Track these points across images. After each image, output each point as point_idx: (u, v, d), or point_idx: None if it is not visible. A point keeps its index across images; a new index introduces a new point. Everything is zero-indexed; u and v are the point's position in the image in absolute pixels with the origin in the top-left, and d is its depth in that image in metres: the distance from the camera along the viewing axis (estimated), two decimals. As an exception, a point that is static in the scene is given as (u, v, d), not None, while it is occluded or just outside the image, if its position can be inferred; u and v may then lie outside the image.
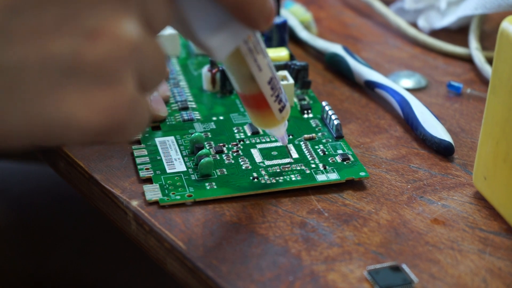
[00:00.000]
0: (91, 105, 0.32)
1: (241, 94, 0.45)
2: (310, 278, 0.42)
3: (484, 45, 0.64)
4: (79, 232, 0.72)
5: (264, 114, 0.46)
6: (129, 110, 0.34)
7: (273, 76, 0.44)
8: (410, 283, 0.41)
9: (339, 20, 0.70)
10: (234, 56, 0.42)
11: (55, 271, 0.70)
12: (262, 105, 0.45)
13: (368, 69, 0.58)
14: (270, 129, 0.47)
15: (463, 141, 0.53)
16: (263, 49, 0.43)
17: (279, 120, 0.46)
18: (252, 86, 0.44)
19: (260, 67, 0.43)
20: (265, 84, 0.44)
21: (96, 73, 0.32)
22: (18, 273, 0.70)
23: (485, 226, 0.46)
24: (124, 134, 0.34)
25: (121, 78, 0.33)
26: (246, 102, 0.45)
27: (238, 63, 0.43)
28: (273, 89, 0.44)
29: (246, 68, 0.43)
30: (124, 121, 0.34)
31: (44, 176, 0.75)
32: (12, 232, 0.71)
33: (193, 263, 0.43)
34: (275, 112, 0.45)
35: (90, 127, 0.33)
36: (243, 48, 0.42)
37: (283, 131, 0.48)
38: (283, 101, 0.46)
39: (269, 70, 0.44)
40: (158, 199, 0.46)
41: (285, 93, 0.46)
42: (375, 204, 0.47)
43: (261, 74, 0.43)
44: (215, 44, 0.39)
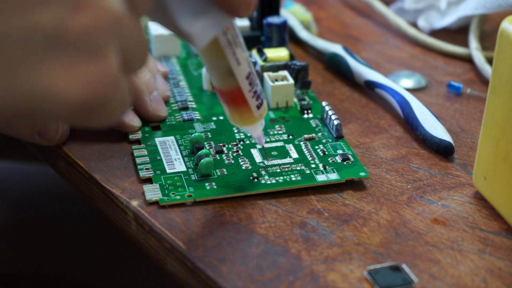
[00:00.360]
0: (75, 77, 0.33)
1: (219, 90, 0.45)
2: (310, 278, 0.42)
3: (484, 45, 0.64)
4: (79, 232, 0.72)
5: (241, 110, 0.45)
6: (111, 86, 0.34)
7: (251, 71, 0.44)
8: (410, 283, 0.41)
9: (339, 20, 0.70)
10: (213, 48, 0.42)
11: (55, 271, 0.70)
12: (239, 101, 0.45)
13: (368, 69, 0.58)
14: (247, 127, 0.47)
15: (463, 141, 0.53)
16: (241, 43, 0.43)
17: (256, 117, 0.46)
18: (230, 80, 0.43)
19: (238, 61, 0.43)
20: (243, 79, 0.44)
21: (80, 44, 0.32)
22: (18, 273, 0.70)
23: (485, 226, 0.46)
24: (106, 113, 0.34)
25: (104, 51, 0.33)
26: (223, 98, 0.45)
27: (216, 56, 0.42)
28: (251, 85, 0.44)
29: (224, 62, 0.43)
30: (106, 96, 0.34)
31: (44, 176, 0.75)
32: (12, 232, 0.71)
33: (193, 263, 0.43)
34: (253, 109, 0.45)
35: (72, 100, 0.33)
36: (222, 40, 0.42)
37: (260, 131, 0.48)
38: (261, 97, 0.45)
39: (247, 65, 0.44)
40: (158, 199, 0.46)
41: (262, 91, 0.46)
42: (375, 204, 0.47)
43: (239, 69, 0.43)
44: (195, 31, 0.39)
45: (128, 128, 0.52)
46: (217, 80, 0.44)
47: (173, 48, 0.61)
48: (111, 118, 0.35)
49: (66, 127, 0.51)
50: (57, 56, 0.32)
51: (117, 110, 0.35)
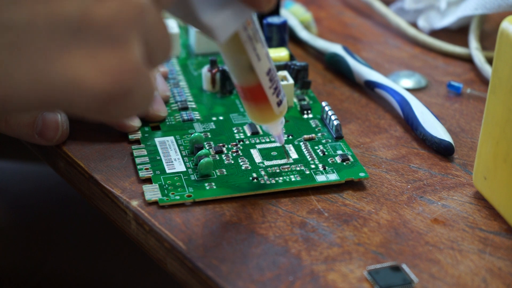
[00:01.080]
0: (98, 67, 0.33)
1: (239, 86, 0.44)
2: (310, 278, 0.42)
3: (484, 45, 0.64)
4: (79, 232, 0.72)
5: (262, 107, 0.45)
6: (135, 76, 0.34)
7: (271, 67, 0.44)
8: (410, 283, 0.41)
9: (339, 20, 0.70)
10: (234, 44, 0.42)
11: (55, 271, 0.70)
12: (260, 97, 0.44)
13: (368, 69, 0.58)
14: (267, 124, 0.47)
15: (463, 141, 0.53)
16: (262, 38, 0.43)
17: (277, 114, 0.46)
18: (250, 77, 0.43)
19: (259, 56, 0.43)
20: (264, 75, 0.44)
21: (104, 33, 0.33)
22: (18, 273, 0.70)
23: (485, 226, 0.46)
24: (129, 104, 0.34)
25: (127, 41, 0.33)
26: (243, 95, 0.45)
27: (237, 51, 0.42)
28: (272, 81, 0.44)
29: (245, 57, 0.43)
30: (129, 87, 0.34)
31: (44, 176, 0.75)
32: (12, 232, 0.71)
33: (193, 263, 0.43)
34: (273, 106, 0.45)
35: (96, 90, 0.33)
36: (243, 35, 0.42)
37: (280, 129, 0.48)
38: (281, 94, 0.45)
39: (268, 60, 0.43)
40: (158, 199, 0.46)
41: (282, 88, 0.46)
42: (375, 204, 0.47)
43: (260, 64, 0.43)
44: (216, 24, 0.39)
45: (128, 128, 0.52)
46: (238, 76, 0.44)
47: (173, 48, 0.61)
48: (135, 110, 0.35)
49: (66, 127, 0.51)
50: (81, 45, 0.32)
51: (141, 102, 0.35)
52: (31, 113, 0.50)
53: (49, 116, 0.50)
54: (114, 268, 0.71)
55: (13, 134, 0.51)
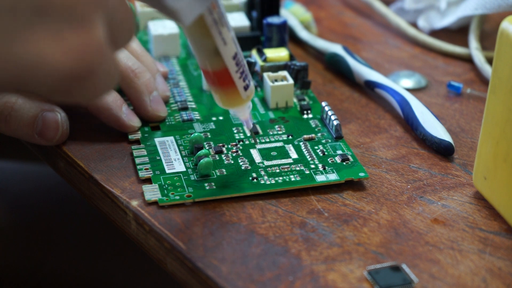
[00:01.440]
0: (61, 45, 0.33)
1: (205, 71, 0.45)
2: (310, 278, 0.42)
3: (484, 45, 0.64)
4: (79, 232, 0.72)
5: (228, 91, 0.45)
6: (97, 55, 0.34)
7: (237, 51, 0.44)
8: (410, 283, 0.41)
9: (339, 20, 0.70)
10: (199, 27, 0.42)
11: (55, 271, 0.70)
12: (226, 81, 0.45)
13: (368, 69, 0.58)
14: (234, 108, 0.47)
15: (463, 141, 0.53)
16: (227, 22, 0.43)
17: (244, 99, 0.46)
18: (216, 61, 0.43)
19: (225, 40, 0.43)
20: (230, 59, 0.44)
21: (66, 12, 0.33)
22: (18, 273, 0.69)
23: (485, 226, 0.46)
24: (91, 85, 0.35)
25: (90, 20, 0.34)
26: (210, 80, 0.45)
27: (203, 35, 0.42)
28: (238, 65, 0.44)
29: (211, 41, 0.43)
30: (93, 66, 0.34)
31: (44, 176, 0.75)
32: (12, 232, 0.71)
33: (193, 263, 0.43)
34: (240, 90, 0.45)
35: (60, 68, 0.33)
36: (208, 18, 0.42)
37: (248, 113, 0.48)
38: (248, 78, 0.45)
39: (234, 45, 0.44)
40: (157, 199, 0.46)
41: (249, 73, 0.46)
42: (375, 204, 0.47)
43: (226, 48, 0.43)
44: (181, 7, 0.39)
45: (128, 128, 0.52)
46: (204, 61, 0.44)
47: (173, 48, 0.61)
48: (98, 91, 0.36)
49: (66, 127, 0.51)
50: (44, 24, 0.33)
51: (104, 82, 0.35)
52: (31, 113, 0.50)
53: (49, 116, 0.50)
54: (114, 268, 0.71)
55: (13, 134, 0.51)
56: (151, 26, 0.61)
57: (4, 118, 0.50)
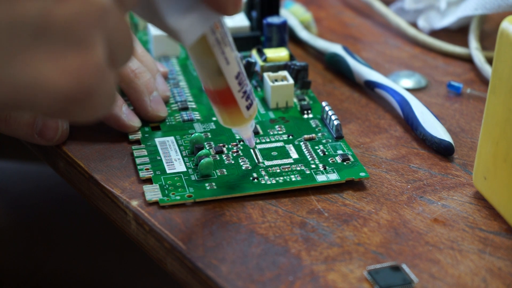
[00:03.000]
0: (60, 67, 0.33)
1: (208, 90, 0.44)
2: (310, 278, 0.42)
3: (484, 45, 0.64)
4: (79, 232, 0.72)
5: (231, 111, 0.45)
6: (97, 76, 0.34)
7: (240, 71, 0.44)
8: (410, 283, 0.41)
9: (339, 20, 0.70)
10: (202, 47, 0.42)
11: (55, 271, 0.70)
12: (229, 101, 0.44)
13: (368, 69, 0.58)
14: (237, 127, 0.47)
15: (463, 141, 0.53)
16: (230, 42, 0.42)
17: (246, 118, 0.46)
18: (219, 80, 0.43)
19: (227, 60, 0.42)
20: (233, 79, 0.43)
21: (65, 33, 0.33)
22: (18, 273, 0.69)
23: (485, 226, 0.46)
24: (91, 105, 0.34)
25: (89, 41, 0.33)
26: (212, 98, 0.45)
27: (205, 55, 0.42)
28: (241, 85, 0.44)
29: (213, 61, 0.42)
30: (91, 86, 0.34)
31: (44, 176, 0.75)
32: (12, 232, 0.71)
33: (193, 263, 0.43)
34: (242, 109, 0.45)
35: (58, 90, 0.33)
36: (211, 38, 0.41)
37: (250, 132, 0.47)
38: (250, 98, 0.45)
39: (237, 64, 0.43)
40: (158, 200, 0.46)
41: (253, 91, 0.45)
42: (375, 204, 0.47)
43: (229, 68, 0.43)
44: (183, 27, 0.38)
45: (128, 129, 0.52)
46: (206, 80, 0.44)
47: (173, 49, 0.61)
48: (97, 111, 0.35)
49: (66, 127, 0.51)
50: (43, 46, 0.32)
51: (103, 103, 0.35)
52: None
53: (49, 116, 0.50)
54: (114, 268, 0.71)
55: (13, 134, 0.51)
56: (151, 26, 0.61)
57: (4, 118, 0.50)
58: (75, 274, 0.70)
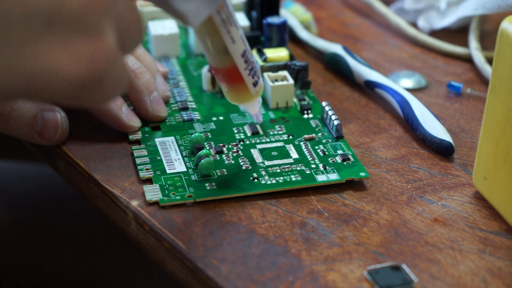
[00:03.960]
0: (73, 55, 0.34)
1: (215, 68, 0.46)
2: (310, 278, 0.42)
3: (484, 45, 0.64)
4: (79, 232, 0.72)
5: (238, 88, 0.46)
6: (108, 62, 0.35)
7: (246, 49, 0.45)
8: (410, 283, 0.41)
9: (339, 20, 0.70)
10: (208, 27, 0.43)
11: (55, 271, 0.70)
12: (236, 78, 0.46)
13: (368, 69, 0.58)
14: (244, 104, 0.48)
15: (463, 141, 0.53)
16: (236, 21, 0.44)
17: (253, 94, 0.47)
18: (225, 59, 0.45)
19: (233, 39, 0.44)
20: (239, 57, 0.45)
21: (77, 22, 0.33)
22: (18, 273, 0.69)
23: (485, 226, 0.46)
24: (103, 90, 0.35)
25: (100, 28, 0.34)
26: (220, 76, 0.46)
27: (211, 35, 0.43)
28: (247, 62, 0.45)
29: (219, 40, 0.44)
30: (104, 73, 0.35)
31: (44, 176, 0.75)
32: (12, 232, 0.71)
33: (193, 263, 0.43)
34: (249, 86, 0.46)
35: (71, 77, 0.34)
36: (217, 18, 0.43)
37: (258, 108, 0.49)
38: (257, 75, 0.46)
39: (242, 43, 0.45)
40: (158, 200, 0.46)
41: (258, 69, 0.47)
42: (375, 204, 0.47)
43: (235, 47, 0.44)
44: (189, 9, 0.39)
45: (128, 129, 0.52)
46: (213, 59, 0.45)
47: (173, 48, 0.61)
48: (108, 96, 0.36)
49: (66, 127, 0.51)
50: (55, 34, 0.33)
51: (114, 88, 0.36)
52: (31, 113, 0.50)
53: (49, 116, 0.50)
54: (114, 268, 0.71)
55: (13, 133, 0.51)
56: (151, 26, 0.61)
57: (4, 118, 0.50)
58: (75, 274, 0.70)
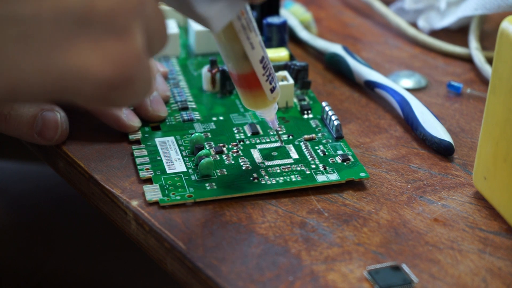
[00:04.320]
0: (103, 55, 0.34)
1: (233, 74, 0.46)
2: (310, 278, 0.42)
3: (484, 45, 0.64)
4: (79, 232, 0.72)
5: (255, 94, 0.47)
6: (137, 64, 0.35)
7: (264, 55, 0.45)
8: (410, 283, 0.41)
9: (339, 20, 0.70)
10: (228, 33, 0.43)
11: (55, 271, 0.70)
12: (253, 84, 0.46)
13: (368, 69, 0.58)
14: (261, 110, 0.48)
15: (463, 141, 0.53)
16: (255, 27, 0.44)
17: (270, 100, 0.47)
18: (244, 64, 0.45)
19: (253, 45, 0.44)
20: (257, 63, 0.45)
21: (107, 23, 0.34)
22: (18, 273, 0.69)
23: (485, 226, 0.46)
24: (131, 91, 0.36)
25: (130, 30, 0.35)
26: (238, 82, 0.46)
27: (231, 40, 0.44)
28: (265, 68, 0.46)
29: (239, 46, 0.44)
30: (132, 74, 0.35)
31: (44, 176, 0.75)
32: (12, 232, 0.71)
33: (193, 263, 0.43)
34: (267, 92, 0.47)
35: (101, 77, 0.34)
36: (237, 24, 0.43)
37: (274, 114, 0.49)
38: (274, 81, 0.47)
39: (261, 49, 0.45)
40: (158, 200, 0.46)
41: (275, 75, 0.47)
42: (375, 204, 0.47)
43: (254, 52, 0.44)
44: (212, 14, 0.40)
45: (128, 129, 0.52)
46: (232, 65, 0.45)
47: (173, 48, 0.61)
48: (134, 98, 0.37)
49: (66, 127, 0.51)
50: (86, 35, 0.34)
51: (141, 89, 0.36)
52: (30, 113, 0.50)
53: (49, 116, 0.50)
54: (114, 268, 0.71)
55: (12, 133, 0.51)
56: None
57: (4, 118, 0.50)
58: (75, 274, 0.70)
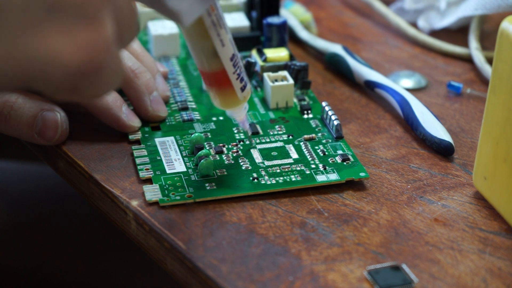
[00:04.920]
0: (73, 41, 0.34)
1: (203, 72, 0.46)
2: (310, 278, 0.42)
3: (484, 45, 0.64)
4: (79, 232, 0.72)
5: (225, 92, 0.46)
6: (106, 52, 0.35)
7: (235, 53, 0.45)
8: (410, 283, 0.41)
9: (339, 20, 0.70)
10: (198, 29, 0.43)
11: (55, 271, 0.70)
12: (223, 82, 0.46)
13: (368, 69, 0.58)
14: (231, 109, 0.48)
15: (463, 141, 0.53)
16: (225, 24, 0.44)
17: (240, 100, 0.47)
18: (214, 62, 0.45)
19: (223, 42, 0.44)
20: (228, 61, 0.45)
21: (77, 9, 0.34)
22: (18, 273, 0.69)
23: (485, 226, 0.46)
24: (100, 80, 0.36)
25: (100, 17, 0.35)
26: (207, 80, 0.46)
27: (201, 37, 0.43)
28: (235, 66, 0.45)
29: (209, 43, 0.44)
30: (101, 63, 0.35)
31: (44, 176, 0.75)
32: (12, 232, 0.71)
33: (193, 263, 0.43)
34: (237, 91, 0.46)
35: (70, 63, 0.34)
36: (207, 20, 0.43)
37: (244, 114, 0.49)
38: (244, 80, 0.46)
39: (232, 46, 0.45)
40: (158, 200, 0.46)
41: (246, 74, 0.47)
42: (375, 204, 0.47)
43: (224, 50, 0.44)
44: (182, 8, 0.40)
45: (128, 129, 0.52)
46: (202, 62, 0.45)
47: (173, 48, 0.61)
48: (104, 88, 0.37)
49: (66, 127, 0.51)
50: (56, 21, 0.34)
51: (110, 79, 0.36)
52: (30, 113, 0.50)
53: (49, 116, 0.50)
54: (114, 268, 0.71)
55: (12, 133, 0.51)
56: (151, 26, 0.61)
57: (4, 117, 0.50)
58: (75, 274, 0.70)
